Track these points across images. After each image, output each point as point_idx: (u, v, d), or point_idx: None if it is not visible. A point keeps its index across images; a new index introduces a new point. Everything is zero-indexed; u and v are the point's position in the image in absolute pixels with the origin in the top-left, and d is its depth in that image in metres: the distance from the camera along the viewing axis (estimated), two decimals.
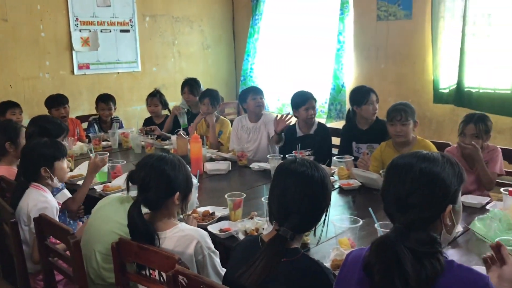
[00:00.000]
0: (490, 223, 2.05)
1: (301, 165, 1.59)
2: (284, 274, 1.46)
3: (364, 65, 5.64)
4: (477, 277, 1.21)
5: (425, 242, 1.22)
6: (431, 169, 1.29)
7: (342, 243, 1.91)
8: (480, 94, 4.80)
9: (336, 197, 2.82)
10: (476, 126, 2.85)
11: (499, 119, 4.78)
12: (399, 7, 5.20)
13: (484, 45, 4.73)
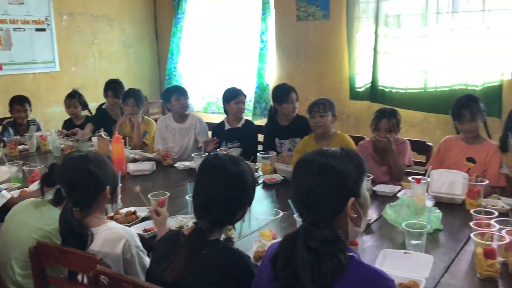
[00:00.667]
0: (400, 210, 2.22)
1: (222, 160, 1.64)
2: (205, 266, 1.50)
3: (286, 64, 5.80)
4: (380, 277, 1.25)
5: (329, 240, 1.25)
6: (329, 163, 1.33)
7: (264, 235, 1.98)
8: (393, 94, 5.11)
9: (261, 192, 2.90)
10: (389, 120, 3.03)
11: (410, 113, 5.13)
12: (317, 8, 5.40)
13: (395, 47, 5.04)
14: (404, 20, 4.97)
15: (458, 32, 4.74)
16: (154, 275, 1.55)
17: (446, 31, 4.78)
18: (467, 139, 2.89)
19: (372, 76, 5.14)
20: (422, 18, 4.86)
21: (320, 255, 1.23)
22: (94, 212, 1.89)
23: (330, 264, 1.21)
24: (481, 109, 2.86)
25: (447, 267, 1.84)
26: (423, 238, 1.89)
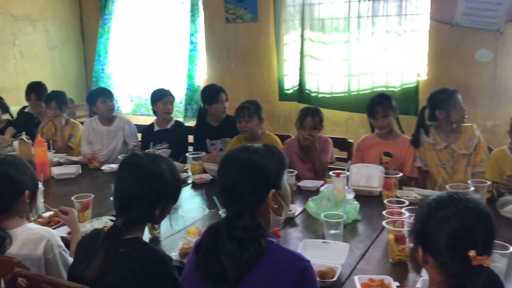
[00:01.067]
0: (321, 202, 2.33)
1: (139, 158, 1.65)
2: (123, 264, 1.50)
3: (217, 65, 5.85)
4: (296, 258, 1.35)
5: (251, 228, 1.34)
6: (252, 159, 1.42)
7: (190, 233, 2.01)
8: (319, 98, 5.30)
9: (190, 192, 2.94)
10: (313, 118, 3.16)
11: (336, 113, 5.35)
12: (246, 11, 5.49)
13: (320, 50, 5.23)
14: (327, 24, 5.18)
15: (378, 36, 5.01)
16: (75, 274, 1.53)
17: (367, 35, 5.04)
18: (382, 136, 3.07)
19: (300, 79, 5.31)
20: (345, 22, 5.09)
21: (243, 242, 1.32)
22: (12, 217, 1.83)
23: (252, 249, 1.30)
24: (393, 107, 3.05)
25: (363, 254, 1.97)
26: (340, 227, 2.00)
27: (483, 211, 1.16)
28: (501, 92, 4.63)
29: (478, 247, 1.10)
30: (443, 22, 4.71)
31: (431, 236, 1.18)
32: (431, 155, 2.92)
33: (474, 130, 2.92)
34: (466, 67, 4.74)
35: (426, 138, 2.93)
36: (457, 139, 2.89)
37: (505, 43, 4.56)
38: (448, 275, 1.15)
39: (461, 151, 2.86)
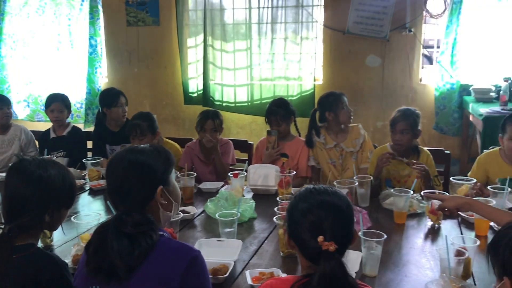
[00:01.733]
0: (218, 203, 2.40)
1: (28, 163, 1.60)
2: (17, 271, 1.47)
3: (119, 69, 5.73)
4: (186, 248, 1.42)
5: (140, 223, 1.39)
6: (138, 158, 1.48)
7: (83, 239, 1.98)
8: (223, 106, 5.39)
9: (88, 198, 2.87)
10: (213, 121, 3.21)
11: (240, 116, 5.48)
12: (147, 14, 5.44)
13: (222, 59, 5.32)
14: (229, 30, 5.29)
15: (278, 42, 5.21)
16: None
17: (267, 42, 5.23)
18: (280, 138, 3.20)
19: (204, 84, 5.37)
20: (246, 28, 5.23)
21: (134, 238, 1.36)
22: None
23: (144, 243, 1.35)
24: (289, 113, 3.18)
25: (257, 249, 2.06)
26: (235, 226, 2.08)
27: (335, 204, 1.30)
28: (388, 95, 5.03)
29: (326, 235, 1.23)
30: (336, 29, 5.03)
31: (295, 226, 1.30)
32: (322, 154, 3.12)
33: (360, 129, 3.16)
34: (358, 72, 5.10)
35: (318, 138, 3.12)
36: (345, 138, 3.11)
37: (391, 50, 4.97)
38: (308, 258, 1.29)
39: (349, 149, 3.08)
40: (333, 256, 1.22)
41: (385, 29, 4.86)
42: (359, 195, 2.58)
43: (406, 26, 4.83)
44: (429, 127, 4.91)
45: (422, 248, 2.09)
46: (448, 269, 1.69)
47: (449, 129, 4.80)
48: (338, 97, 3.06)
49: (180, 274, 1.34)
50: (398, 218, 2.36)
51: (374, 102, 5.09)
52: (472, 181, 2.53)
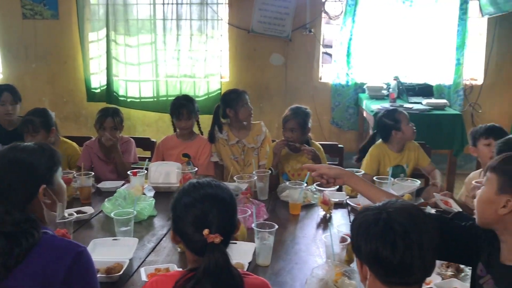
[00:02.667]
0: (116, 202, 2.36)
1: None
2: None
3: (14, 64, 5.40)
4: (70, 245, 1.40)
5: (21, 221, 1.35)
6: (18, 157, 1.44)
7: None
8: (127, 102, 5.29)
9: None
10: (113, 119, 3.13)
11: (146, 114, 5.41)
12: (45, 7, 5.18)
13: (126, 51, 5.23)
14: (133, 26, 5.19)
15: (184, 39, 5.21)
16: None
17: (172, 39, 5.20)
18: (182, 136, 3.21)
19: (107, 79, 5.23)
20: (150, 25, 5.17)
21: (14, 236, 1.32)
22: None
23: (24, 242, 1.32)
24: (195, 109, 3.21)
25: (154, 246, 2.07)
26: (131, 224, 2.08)
27: (218, 196, 1.33)
28: (291, 92, 5.23)
29: (211, 227, 1.27)
30: (241, 28, 5.13)
31: (179, 220, 1.33)
32: (225, 150, 3.18)
33: (262, 126, 3.26)
34: (263, 70, 5.24)
35: (220, 134, 3.18)
36: (247, 134, 3.20)
37: (293, 49, 5.17)
38: (194, 251, 1.31)
39: (250, 145, 3.18)
40: (218, 248, 1.26)
41: (287, 29, 5.04)
42: (258, 189, 2.68)
43: (306, 27, 5.05)
44: (328, 123, 5.18)
45: (314, 236, 2.22)
46: (333, 255, 1.82)
47: (344, 124, 5.11)
48: (239, 95, 3.13)
49: (63, 270, 1.32)
50: (293, 209, 2.48)
51: (279, 99, 5.26)
52: (361, 172, 2.73)
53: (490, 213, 1.36)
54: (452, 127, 3.99)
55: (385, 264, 1.16)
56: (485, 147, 2.59)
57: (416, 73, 5.00)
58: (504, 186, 1.33)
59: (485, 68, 5.00)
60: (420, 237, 1.17)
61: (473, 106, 5.02)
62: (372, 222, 1.19)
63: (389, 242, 1.15)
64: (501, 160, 1.38)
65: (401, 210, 1.21)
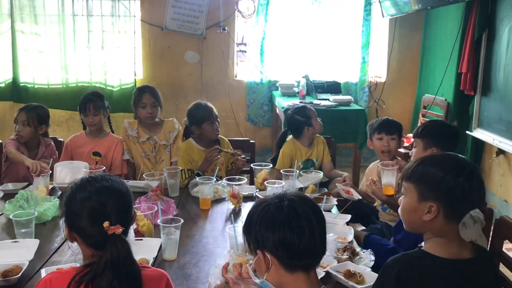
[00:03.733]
0: (17, 204, 2.28)
1: None
2: None
3: None
4: None
5: None
6: None
7: None
8: (36, 90, 5.06)
9: None
10: (28, 113, 3.01)
11: (56, 112, 5.19)
12: None
13: (35, 43, 5.01)
14: (41, 17, 4.98)
15: (95, 35, 5.07)
16: None
17: (83, 34, 5.04)
18: (91, 134, 3.14)
19: (13, 73, 4.98)
20: (59, 20, 4.98)
21: None
22: None
23: None
24: (104, 106, 3.14)
25: (58, 247, 2.02)
26: (31, 225, 2.02)
27: (115, 188, 1.35)
28: (207, 90, 5.28)
29: (111, 219, 1.29)
30: (154, 25, 5.08)
31: (75, 216, 1.32)
32: (135, 148, 3.15)
33: (175, 123, 3.26)
34: (178, 68, 5.24)
35: (130, 131, 3.15)
36: (158, 131, 3.19)
37: (208, 47, 5.21)
38: (92, 246, 1.32)
39: (162, 142, 3.17)
40: (120, 239, 1.27)
41: (201, 26, 5.07)
42: (169, 186, 2.69)
43: (220, 25, 5.11)
44: (244, 120, 5.29)
45: (222, 229, 2.28)
46: (236, 245, 1.89)
47: (259, 120, 5.25)
48: (139, 94, 3.11)
49: None
50: (203, 204, 2.53)
51: (194, 96, 5.27)
52: (269, 165, 2.84)
53: (415, 220, 1.41)
54: (356, 122, 4.24)
55: (292, 248, 1.22)
56: (378, 141, 2.80)
57: (325, 71, 5.24)
58: (424, 194, 1.38)
59: (388, 66, 5.35)
60: (318, 220, 1.25)
61: (377, 102, 5.35)
62: (275, 211, 1.25)
63: (296, 227, 1.22)
64: (414, 170, 1.42)
65: (299, 197, 1.29)
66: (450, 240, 1.39)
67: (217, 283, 1.63)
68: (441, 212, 1.37)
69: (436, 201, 1.37)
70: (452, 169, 1.37)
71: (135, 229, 2.07)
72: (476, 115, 4.02)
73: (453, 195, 1.35)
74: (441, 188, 1.36)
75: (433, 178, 1.37)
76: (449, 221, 1.38)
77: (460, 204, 1.38)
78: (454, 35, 4.22)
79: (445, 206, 1.36)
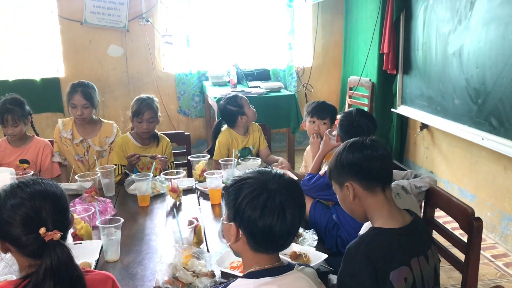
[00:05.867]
0: None
1: None
2: None
3: None
4: None
5: None
6: None
7: None
8: None
9: None
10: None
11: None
12: None
13: None
14: None
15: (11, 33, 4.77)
16: None
17: None
18: (14, 143, 2.90)
19: None
20: None
21: None
22: None
23: None
24: (25, 113, 2.89)
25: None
26: None
27: (49, 192, 1.27)
28: (135, 84, 5.13)
29: (48, 224, 1.22)
30: (73, 20, 4.85)
31: (6, 225, 1.22)
32: (68, 150, 3.00)
33: (113, 128, 3.11)
34: (101, 63, 5.04)
35: (65, 133, 2.99)
36: (95, 134, 3.04)
37: (132, 39, 5.06)
38: (29, 255, 1.23)
39: (96, 148, 3.02)
40: (59, 244, 1.21)
41: (123, 19, 4.91)
42: (104, 185, 2.60)
43: (143, 16, 4.97)
44: (175, 112, 5.21)
45: (164, 224, 2.24)
46: (181, 239, 1.86)
47: (192, 112, 5.20)
48: (70, 93, 2.94)
49: None
50: (142, 201, 2.46)
51: (121, 91, 5.12)
52: (207, 156, 2.81)
53: (349, 205, 1.51)
54: (287, 107, 4.31)
55: (268, 234, 1.24)
56: (310, 124, 2.87)
57: (254, 59, 5.27)
58: (339, 181, 1.51)
59: (314, 51, 5.47)
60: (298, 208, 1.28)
61: (305, 86, 5.47)
62: (257, 195, 1.25)
63: (279, 216, 1.24)
64: (330, 168, 1.56)
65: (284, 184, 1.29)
66: (390, 211, 1.47)
67: (165, 279, 1.60)
68: (357, 187, 1.47)
69: (348, 180, 1.48)
70: (344, 148, 1.52)
71: (72, 233, 1.98)
72: (399, 92, 4.22)
73: (353, 168, 1.47)
74: (343, 167, 1.49)
75: (337, 162, 1.52)
76: (371, 191, 1.47)
77: (364, 172, 1.46)
78: (374, 18, 4.38)
79: (355, 179, 1.47)
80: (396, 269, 1.37)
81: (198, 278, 1.63)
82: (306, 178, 2.44)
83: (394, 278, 1.37)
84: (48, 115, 4.90)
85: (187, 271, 1.65)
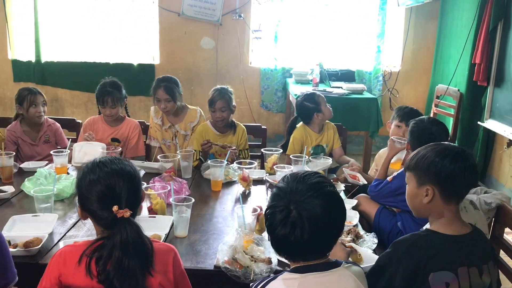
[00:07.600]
0: (37, 181, 2.38)
1: None
2: None
3: None
4: None
5: None
6: None
7: None
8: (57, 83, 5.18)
9: None
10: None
11: (75, 95, 5.33)
12: None
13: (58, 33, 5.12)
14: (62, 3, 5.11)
15: (115, 20, 5.17)
16: None
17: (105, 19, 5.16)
18: (109, 122, 3.18)
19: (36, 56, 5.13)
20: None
21: None
22: None
23: None
24: (122, 96, 3.14)
25: (75, 222, 2.13)
26: (51, 201, 2.13)
27: (124, 172, 1.39)
28: (222, 76, 5.34)
29: (121, 202, 1.34)
30: (171, 11, 5.15)
31: (85, 198, 1.38)
32: (157, 135, 3.24)
33: (197, 113, 3.30)
34: (194, 53, 5.31)
35: (156, 119, 3.23)
36: (180, 120, 3.25)
37: (224, 33, 5.27)
38: (103, 226, 1.38)
39: (182, 132, 3.22)
40: (128, 221, 1.33)
41: (217, 13, 5.12)
42: (183, 167, 2.78)
43: (236, 12, 5.15)
44: (257, 106, 5.35)
45: (232, 210, 2.37)
46: (244, 224, 1.97)
47: (273, 107, 5.31)
48: (155, 88, 3.13)
49: None
50: (215, 186, 2.61)
51: (209, 82, 5.35)
52: (279, 151, 2.91)
53: (418, 204, 1.54)
54: (368, 111, 4.27)
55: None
56: (396, 128, 2.86)
57: (339, 59, 5.27)
58: (420, 179, 1.52)
59: (402, 55, 5.35)
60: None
61: (391, 91, 5.37)
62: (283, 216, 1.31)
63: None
64: (412, 160, 1.57)
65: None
66: (451, 220, 1.49)
67: (225, 259, 1.72)
68: (437, 194, 1.49)
69: (431, 184, 1.49)
70: (440, 153, 1.49)
71: (148, 207, 2.17)
72: (488, 106, 4.03)
73: (443, 177, 1.47)
74: (431, 171, 1.48)
75: (425, 163, 1.50)
76: (447, 201, 1.49)
77: (451, 184, 1.47)
78: (469, 26, 4.21)
79: (439, 187, 1.48)
80: (438, 272, 1.39)
81: (255, 263, 1.72)
82: (373, 184, 2.45)
83: (434, 280, 1.38)
84: (141, 98, 5.26)
85: (246, 254, 1.75)
